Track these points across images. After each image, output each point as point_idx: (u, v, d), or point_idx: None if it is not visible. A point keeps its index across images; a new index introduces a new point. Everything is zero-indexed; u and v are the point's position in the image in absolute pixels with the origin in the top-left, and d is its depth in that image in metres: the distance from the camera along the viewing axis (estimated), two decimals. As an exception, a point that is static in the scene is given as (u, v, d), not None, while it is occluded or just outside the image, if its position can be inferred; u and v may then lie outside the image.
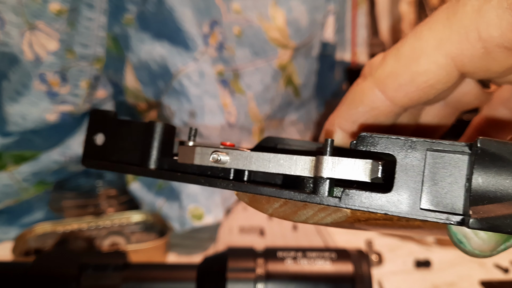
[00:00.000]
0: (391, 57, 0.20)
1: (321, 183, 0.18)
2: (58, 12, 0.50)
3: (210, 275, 0.32)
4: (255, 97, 0.69)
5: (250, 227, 0.60)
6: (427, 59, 0.19)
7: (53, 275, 0.31)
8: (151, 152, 0.23)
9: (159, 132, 0.23)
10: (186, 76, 0.56)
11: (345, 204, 0.17)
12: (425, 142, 0.16)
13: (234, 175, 0.21)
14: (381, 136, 0.17)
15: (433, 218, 0.16)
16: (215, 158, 0.20)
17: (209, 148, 0.21)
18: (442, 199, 0.16)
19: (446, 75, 0.19)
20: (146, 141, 0.23)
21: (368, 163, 0.17)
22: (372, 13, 1.02)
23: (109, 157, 0.24)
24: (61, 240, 0.52)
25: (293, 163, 0.19)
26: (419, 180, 0.16)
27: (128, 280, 0.32)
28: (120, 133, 0.24)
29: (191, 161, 0.21)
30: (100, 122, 0.25)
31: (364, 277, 0.31)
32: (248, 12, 0.66)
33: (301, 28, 0.71)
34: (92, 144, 0.25)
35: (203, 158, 0.21)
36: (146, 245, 0.50)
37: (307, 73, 0.78)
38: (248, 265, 0.32)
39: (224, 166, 0.20)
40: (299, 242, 0.57)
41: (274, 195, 0.19)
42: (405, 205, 0.17)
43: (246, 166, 0.20)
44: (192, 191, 0.56)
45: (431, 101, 0.22)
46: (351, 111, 0.22)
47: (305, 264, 0.32)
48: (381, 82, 0.21)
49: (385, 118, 0.22)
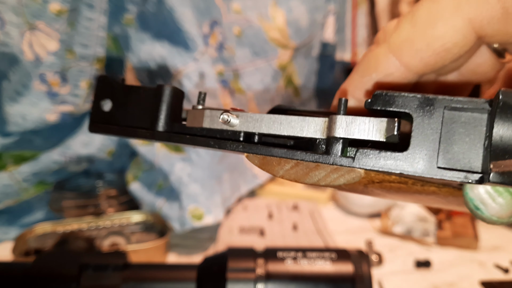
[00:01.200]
0: (406, 22, 0.20)
1: (334, 143, 0.17)
2: (58, 12, 0.50)
3: (210, 275, 0.32)
4: (255, 97, 0.69)
5: (250, 227, 0.60)
6: (445, 22, 0.19)
7: (53, 275, 0.31)
8: (160, 115, 0.22)
9: (168, 95, 0.22)
10: (186, 76, 0.56)
11: (358, 164, 0.17)
12: (444, 100, 0.16)
13: (244, 138, 0.20)
14: (397, 94, 0.16)
15: (451, 177, 0.15)
16: (225, 119, 0.19)
17: (218, 110, 0.20)
18: (460, 158, 0.16)
19: (464, 39, 0.19)
20: (154, 105, 0.22)
21: (383, 121, 0.17)
22: (372, 13, 1.02)
23: (117, 122, 0.24)
24: (61, 240, 0.52)
25: (305, 125, 0.18)
26: (437, 139, 0.16)
27: (128, 280, 0.32)
28: (128, 99, 0.23)
29: (200, 125, 0.21)
30: (107, 89, 0.24)
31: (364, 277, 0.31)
32: (248, 12, 0.66)
33: (301, 28, 0.71)
34: (99, 110, 0.24)
35: (213, 121, 0.20)
36: (146, 245, 0.50)
37: (307, 73, 0.78)
38: (248, 265, 0.31)
39: (234, 129, 0.20)
40: (299, 242, 0.57)
41: (286, 156, 0.18)
42: (422, 164, 0.16)
43: (256, 129, 0.19)
44: (192, 191, 0.56)
45: (446, 67, 0.21)
46: (364, 79, 0.22)
47: (305, 264, 0.32)
48: (396, 48, 0.20)
49: (399, 85, 0.21)
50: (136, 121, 0.23)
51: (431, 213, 0.64)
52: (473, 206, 0.17)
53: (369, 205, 0.65)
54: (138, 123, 0.23)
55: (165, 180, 0.58)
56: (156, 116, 0.22)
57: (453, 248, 0.58)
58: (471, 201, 0.17)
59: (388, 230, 0.62)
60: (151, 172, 0.60)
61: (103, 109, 0.24)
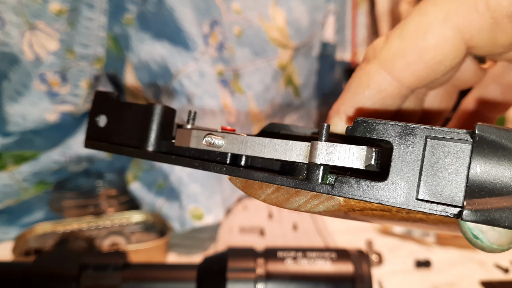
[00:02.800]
0: (395, 36, 0.20)
1: (314, 169, 0.17)
2: (58, 12, 0.50)
3: (210, 275, 0.32)
4: (255, 97, 0.69)
5: (250, 227, 0.60)
6: (434, 33, 0.19)
7: (53, 275, 0.31)
8: (149, 134, 0.22)
9: (158, 114, 0.22)
10: (186, 76, 0.56)
11: (337, 192, 0.17)
12: (425, 129, 0.16)
13: (231, 160, 0.20)
14: (378, 122, 0.16)
15: (430, 209, 0.15)
16: (209, 141, 0.20)
17: (205, 131, 0.20)
18: (441, 190, 0.15)
19: (454, 50, 0.19)
20: (145, 123, 0.22)
21: (363, 150, 0.16)
22: (372, 13, 1.02)
23: (110, 138, 0.24)
24: (61, 240, 0.52)
25: (288, 149, 0.18)
26: (417, 169, 0.16)
27: (128, 280, 0.32)
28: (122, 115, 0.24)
29: (187, 144, 0.21)
30: (103, 104, 0.24)
31: (364, 277, 0.31)
32: (248, 12, 0.66)
33: (301, 28, 0.71)
34: (95, 126, 0.24)
35: (199, 141, 0.20)
36: (146, 245, 0.50)
37: (307, 73, 0.78)
38: (248, 265, 0.31)
39: (219, 150, 0.20)
40: (299, 242, 0.57)
41: (267, 181, 0.18)
42: (401, 195, 0.16)
43: (241, 151, 0.19)
44: (192, 191, 0.56)
45: (437, 80, 0.21)
46: (357, 96, 0.22)
47: (305, 264, 0.32)
48: (388, 63, 0.20)
49: (392, 101, 0.21)
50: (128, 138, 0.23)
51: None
52: (472, 236, 0.16)
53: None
54: (129, 140, 0.23)
55: (165, 180, 0.58)
56: (146, 135, 0.22)
57: (453, 247, 0.58)
58: (469, 230, 0.17)
59: (388, 229, 0.62)
60: (151, 172, 0.60)
61: (99, 124, 0.24)
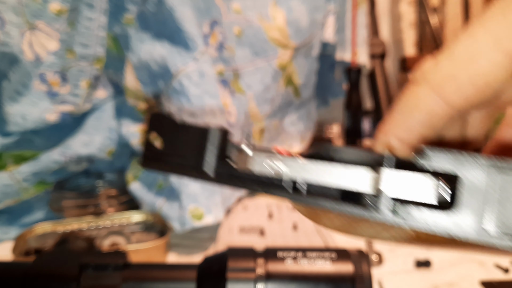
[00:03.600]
0: (445, 60, 0.20)
1: (382, 200, 0.17)
2: (58, 12, 0.50)
3: (210, 275, 0.32)
4: (255, 97, 0.69)
5: (250, 227, 0.60)
6: (485, 58, 0.19)
7: (53, 275, 0.31)
8: (207, 156, 0.23)
9: (215, 137, 0.23)
10: (186, 76, 0.56)
11: (405, 223, 0.17)
12: (491, 160, 0.16)
13: (293, 185, 0.20)
14: (444, 151, 0.16)
15: (500, 242, 0.15)
16: (272, 166, 0.20)
17: (265, 155, 0.21)
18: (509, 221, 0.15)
19: (505, 74, 0.19)
20: (202, 145, 0.23)
21: (433, 181, 0.16)
22: (372, 13, 1.02)
23: (167, 159, 0.25)
24: (61, 240, 0.52)
25: (354, 177, 0.18)
26: (485, 199, 0.15)
27: (128, 280, 0.32)
28: (178, 137, 0.25)
29: (247, 168, 0.21)
30: (159, 125, 0.25)
31: (364, 277, 0.31)
32: (248, 12, 0.66)
33: (301, 28, 0.71)
34: (151, 146, 0.25)
35: (260, 166, 0.21)
36: (146, 245, 0.50)
37: (307, 73, 0.78)
38: (248, 265, 0.31)
39: (281, 175, 0.20)
40: (299, 242, 0.57)
41: (332, 209, 0.18)
42: (469, 226, 0.16)
43: (303, 177, 0.19)
44: (192, 191, 0.56)
45: (486, 102, 0.22)
46: (406, 119, 0.22)
47: (305, 264, 0.32)
48: (438, 86, 0.20)
49: (441, 123, 0.22)
50: (186, 159, 0.24)
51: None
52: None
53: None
54: (187, 161, 0.24)
55: (165, 180, 0.58)
56: (204, 158, 0.23)
57: (453, 248, 0.58)
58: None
59: (388, 230, 0.62)
60: (151, 172, 0.60)
61: (155, 145, 0.25)
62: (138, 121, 0.61)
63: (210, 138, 0.23)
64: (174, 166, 0.24)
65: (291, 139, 0.82)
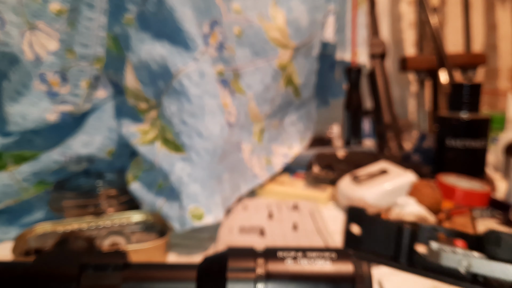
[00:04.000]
0: None
1: None
2: (58, 12, 0.50)
3: (210, 275, 0.32)
4: (255, 97, 0.69)
5: (250, 227, 0.60)
6: None
7: (53, 275, 0.31)
8: (402, 249, 0.28)
9: (408, 232, 0.28)
10: (186, 76, 0.56)
11: None
12: None
13: (471, 277, 0.24)
14: None
15: None
16: (463, 265, 0.24)
17: (457, 254, 0.24)
18: None
19: None
20: (397, 238, 0.28)
21: None
22: (372, 13, 1.02)
23: (364, 246, 0.30)
24: (61, 240, 0.52)
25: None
26: None
27: (128, 280, 0.32)
28: (374, 227, 0.30)
29: (438, 261, 0.25)
30: (356, 217, 0.31)
31: (364, 277, 0.31)
32: (248, 12, 0.66)
33: (301, 28, 0.71)
34: (350, 234, 0.31)
35: (448, 260, 0.25)
36: (146, 245, 0.50)
37: (307, 73, 0.78)
38: (248, 265, 0.31)
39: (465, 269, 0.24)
40: (299, 242, 0.57)
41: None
42: None
43: (485, 273, 0.23)
44: (192, 191, 0.56)
45: None
46: None
47: (305, 264, 0.32)
48: None
49: None
50: (381, 248, 0.29)
51: (431, 213, 0.64)
52: None
53: (369, 204, 0.65)
54: (382, 250, 0.29)
55: (165, 180, 0.58)
56: (400, 250, 0.28)
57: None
58: None
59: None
60: (151, 172, 0.60)
61: (353, 232, 0.31)
62: (138, 121, 0.61)
63: (404, 234, 0.28)
64: (372, 256, 0.30)
65: (291, 139, 0.82)
